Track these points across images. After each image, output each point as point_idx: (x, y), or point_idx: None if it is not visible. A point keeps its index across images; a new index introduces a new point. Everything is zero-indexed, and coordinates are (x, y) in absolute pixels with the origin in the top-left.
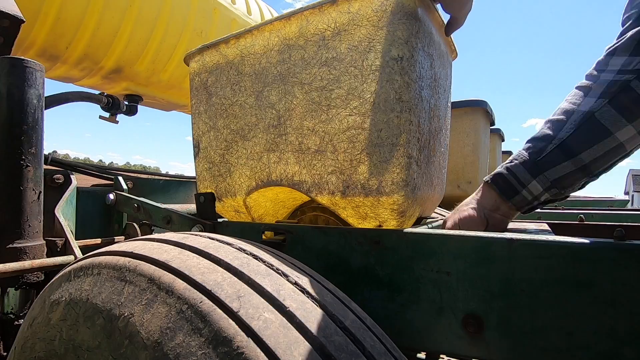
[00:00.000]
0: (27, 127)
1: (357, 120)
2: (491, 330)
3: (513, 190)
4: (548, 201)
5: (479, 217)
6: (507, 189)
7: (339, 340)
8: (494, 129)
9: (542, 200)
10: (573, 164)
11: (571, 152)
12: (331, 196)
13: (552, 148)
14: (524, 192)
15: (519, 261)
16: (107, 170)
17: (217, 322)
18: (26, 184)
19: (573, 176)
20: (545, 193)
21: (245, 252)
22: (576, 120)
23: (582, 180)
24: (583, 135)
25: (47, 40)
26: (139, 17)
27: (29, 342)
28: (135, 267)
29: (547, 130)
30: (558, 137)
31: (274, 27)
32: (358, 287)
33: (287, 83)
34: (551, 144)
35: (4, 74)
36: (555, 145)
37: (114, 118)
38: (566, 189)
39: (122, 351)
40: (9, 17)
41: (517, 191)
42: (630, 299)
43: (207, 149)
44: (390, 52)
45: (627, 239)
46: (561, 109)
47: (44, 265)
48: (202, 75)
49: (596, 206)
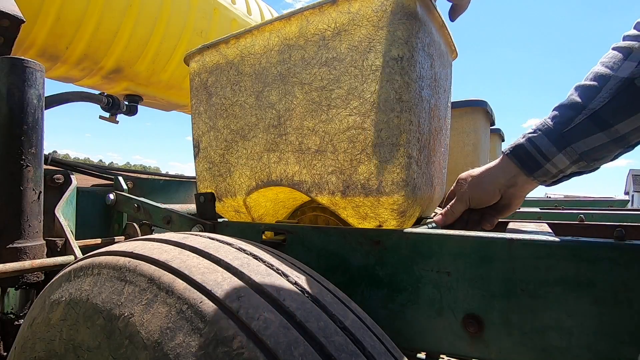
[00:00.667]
0: (27, 127)
1: (357, 120)
2: (491, 330)
3: (535, 164)
4: (575, 173)
5: (492, 193)
6: (529, 162)
7: (339, 340)
8: (494, 129)
9: (569, 173)
10: (607, 135)
11: (605, 124)
12: (331, 196)
13: (582, 119)
14: (548, 165)
15: (519, 261)
16: (107, 170)
17: (217, 322)
18: (26, 184)
19: (606, 148)
20: (572, 166)
21: (245, 252)
22: (612, 88)
23: (616, 152)
24: (620, 105)
25: (47, 40)
26: (139, 17)
27: (29, 342)
28: (135, 267)
29: (577, 97)
30: (590, 106)
31: (274, 27)
32: (358, 287)
33: (287, 83)
34: (581, 114)
35: (4, 74)
36: (585, 115)
37: (114, 118)
38: (597, 161)
39: (122, 351)
40: (9, 17)
41: (540, 165)
42: (630, 299)
43: (207, 149)
44: (390, 52)
45: (627, 239)
46: (594, 72)
47: (44, 265)
48: (202, 75)
49: (596, 206)
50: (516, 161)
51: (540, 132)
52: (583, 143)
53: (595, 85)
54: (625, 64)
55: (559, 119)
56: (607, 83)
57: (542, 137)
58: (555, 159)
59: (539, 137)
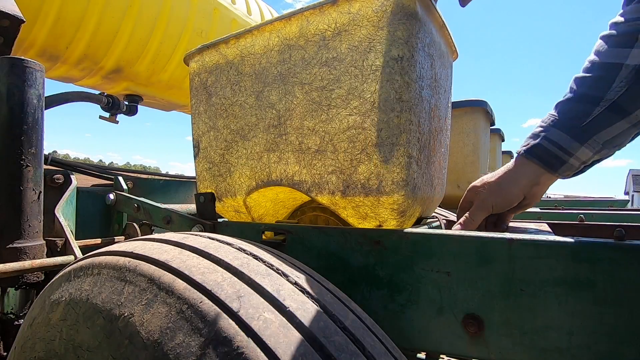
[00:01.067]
0: (27, 127)
1: (357, 120)
2: (491, 330)
3: (559, 161)
4: (596, 161)
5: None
6: (552, 160)
7: (339, 340)
8: (494, 129)
9: (590, 163)
10: (627, 121)
11: (625, 111)
12: (331, 196)
13: (600, 110)
14: (572, 160)
15: (519, 261)
16: (107, 170)
17: (217, 322)
18: (26, 184)
19: (627, 133)
20: (595, 155)
21: (245, 252)
22: (627, 77)
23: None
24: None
25: (47, 40)
26: (139, 17)
27: (29, 342)
28: (135, 267)
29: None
30: (607, 97)
31: (274, 27)
32: (358, 287)
33: (287, 83)
34: (598, 106)
35: (4, 74)
36: (604, 107)
37: (114, 118)
38: (618, 146)
39: (122, 351)
40: (9, 17)
41: (564, 161)
42: (630, 299)
43: (207, 149)
44: (390, 52)
45: (627, 239)
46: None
47: (44, 265)
48: (202, 75)
49: (596, 206)
50: (537, 161)
51: (554, 128)
52: (605, 133)
53: (603, 75)
54: (635, 52)
55: (573, 114)
56: (620, 72)
57: (559, 134)
58: (579, 153)
59: (555, 134)
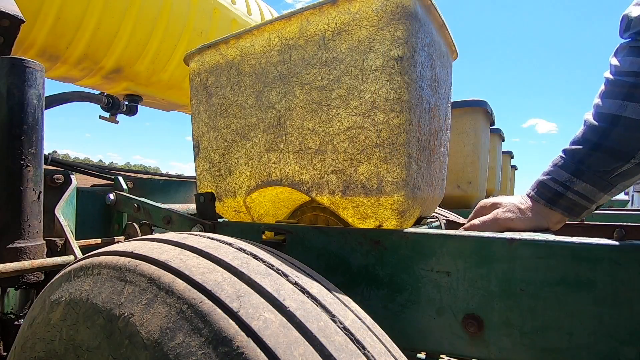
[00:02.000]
0: (27, 127)
1: (357, 120)
2: (491, 330)
3: (583, 209)
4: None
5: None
6: (576, 209)
7: (339, 340)
8: (494, 129)
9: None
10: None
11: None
12: (331, 196)
13: (631, 166)
14: (593, 206)
15: (519, 261)
16: (107, 170)
17: (217, 322)
18: (26, 184)
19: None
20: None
21: (245, 252)
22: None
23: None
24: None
25: (47, 40)
26: (139, 17)
27: (29, 342)
28: (135, 267)
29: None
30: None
31: (274, 27)
32: (358, 287)
33: (287, 83)
34: (629, 163)
35: (4, 74)
36: (635, 163)
37: (114, 118)
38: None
39: (122, 351)
40: (9, 17)
41: (586, 208)
42: (630, 299)
43: (207, 149)
44: (390, 52)
45: (627, 239)
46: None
47: (44, 265)
48: (202, 75)
49: None
50: (563, 211)
51: (582, 182)
52: (629, 182)
53: (630, 136)
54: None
55: (601, 168)
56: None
57: (585, 187)
58: (601, 200)
59: (582, 187)
